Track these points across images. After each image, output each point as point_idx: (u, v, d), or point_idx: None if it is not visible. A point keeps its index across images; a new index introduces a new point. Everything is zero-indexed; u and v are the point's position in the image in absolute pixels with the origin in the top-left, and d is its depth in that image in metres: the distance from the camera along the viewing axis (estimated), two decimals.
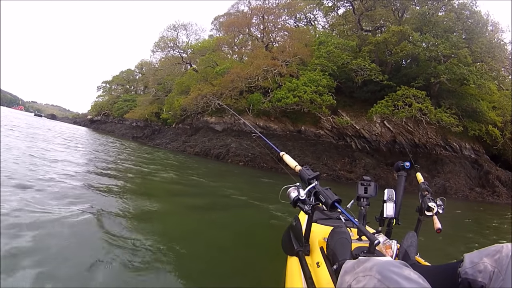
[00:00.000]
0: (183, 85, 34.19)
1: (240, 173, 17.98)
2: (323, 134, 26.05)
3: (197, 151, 26.27)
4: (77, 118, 77.10)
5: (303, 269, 2.05)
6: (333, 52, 25.17)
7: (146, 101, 45.20)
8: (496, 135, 23.61)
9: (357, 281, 1.23)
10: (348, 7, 31.27)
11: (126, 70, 63.65)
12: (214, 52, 34.56)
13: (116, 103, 55.58)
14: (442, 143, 24.65)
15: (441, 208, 2.70)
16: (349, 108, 25.92)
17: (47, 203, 4.72)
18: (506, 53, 29.36)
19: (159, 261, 3.48)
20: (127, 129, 47.61)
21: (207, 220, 5.99)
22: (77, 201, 5.21)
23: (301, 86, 23.61)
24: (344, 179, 21.15)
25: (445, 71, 22.00)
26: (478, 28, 25.14)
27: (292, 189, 2.20)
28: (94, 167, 9.80)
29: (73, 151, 13.81)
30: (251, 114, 26.41)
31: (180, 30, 40.08)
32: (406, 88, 22.63)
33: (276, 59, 26.78)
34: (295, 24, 36.78)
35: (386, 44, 25.42)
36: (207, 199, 8.40)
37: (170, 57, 39.40)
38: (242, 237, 5.32)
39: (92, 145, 19.96)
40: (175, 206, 6.81)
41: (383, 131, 24.91)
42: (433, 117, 21.80)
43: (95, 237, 3.86)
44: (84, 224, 4.25)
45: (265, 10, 31.16)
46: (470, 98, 23.84)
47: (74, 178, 7.14)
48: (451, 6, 25.30)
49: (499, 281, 1.41)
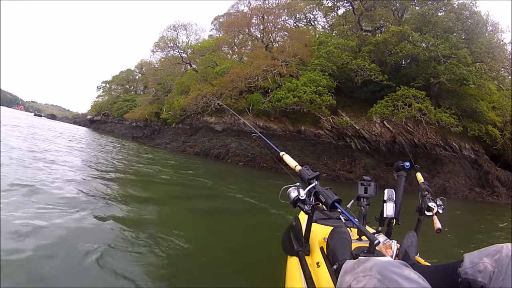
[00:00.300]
0: (183, 85, 34.18)
1: (240, 173, 17.98)
2: (323, 134, 26.05)
3: (197, 151, 26.26)
4: (77, 118, 77.07)
5: (303, 269, 2.06)
6: (333, 52, 25.16)
7: (146, 101, 45.20)
8: (495, 135, 23.59)
9: (357, 281, 1.23)
10: (348, 7, 31.27)
11: (126, 70, 63.63)
12: (214, 52, 34.56)
13: (116, 103, 55.54)
14: (441, 143, 24.65)
15: (441, 208, 2.71)
16: (348, 108, 25.92)
17: (47, 205, 4.70)
18: (506, 53, 29.39)
19: (159, 261, 3.49)
20: (127, 129, 47.55)
21: (207, 221, 5.99)
22: (76, 202, 5.21)
23: (301, 86, 23.61)
24: (344, 179, 21.15)
25: (444, 71, 21.99)
26: (478, 29, 25.14)
27: (292, 189, 2.20)
28: (94, 168, 9.78)
29: (74, 151, 13.81)
30: (251, 114, 26.42)
31: (180, 30, 40.15)
32: (406, 88, 22.62)
33: (276, 59, 26.78)
34: (295, 24, 36.79)
35: (386, 44, 25.43)
36: (207, 199, 8.38)
37: (170, 57, 39.40)
38: (242, 237, 5.31)
39: (92, 145, 19.97)
40: (175, 207, 6.82)
41: (382, 131, 24.92)
42: (433, 117, 21.80)
43: (95, 237, 3.84)
44: (84, 224, 4.24)
45: (265, 10, 31.18)
46: (470, 98, 23.82)
47: (75, 180, 7.09)
48: (451, 7, 25.28)
49: (499, 281, 1.42)
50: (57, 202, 4.94)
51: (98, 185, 6.90)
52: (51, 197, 5.18)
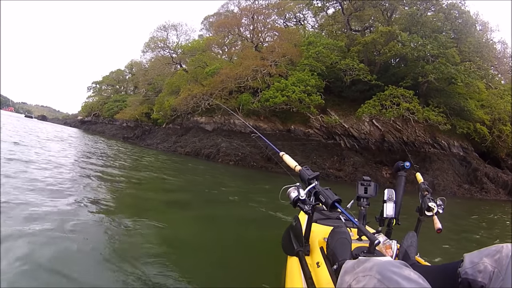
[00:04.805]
0: (173, 85, 34.15)
1: (233, 173, 17.94)
2: (312, 133, 26.13)
3: (188, 151, 26.23)
4: (68, 119, 76.56)
5: (303, 269, 2.08)
6: (322, 52, 25.21)
7: (136, 101, 44.99)
8: (484, 133, 23.88)
9: (357, 281, 1.24)
10: (337, 7, 31.42)
11: (116, 71, 63.27)
12: (204, 52, 34.51)
13: (106, 103, 55.19)
14: (430, 141, 24.88)
15: (441, 208, 2.72)
16: (338, 107, 26.02)
17: (40, 210, 4.61)
18: (495, 52, 29.72)
19: (159, 262, 3.49)
20: (117, 129, 47.29)
21: (206, 221, 5.98)
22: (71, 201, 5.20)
23: (290, 86, 23.66)
24: (333, 177, 21.23)
25: (432, 71, 22.16)
26: (467, 28, 25.48)
27: (292, 189, 2.22)
28: (86, 170, 9.58)
29: (67, 153, 13.73)
30: (241, 114, 26.42)
31: (170, 31, 40.15)
32: (394, 88, 22.77)
33: (266, 60, 26.83)
34: (285, 24, 36.91)
35: (375, 44, 25.58)
36: (205, 200, 8.35)
37: (160, 58, 39.34)
38: (242, 237, 5.30)
39: (84, 147, 19.86)
40: (172, 208, 6.80)
41: (371, 130, 25.06)
42: (421, 116, 21.97)
43: (92, 241, 3.82)
44: (81, 227, 4.24)
45: (255, 11, 31.21)
46: (458, 97, 24.04)
47: (69, 183, 6.94)
48: (440, 7, 25.54)
49: (499, 281, 1.43)
50: (50, 211, 4.71)
51: (91, 189, 6.79)
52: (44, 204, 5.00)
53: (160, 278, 3.12)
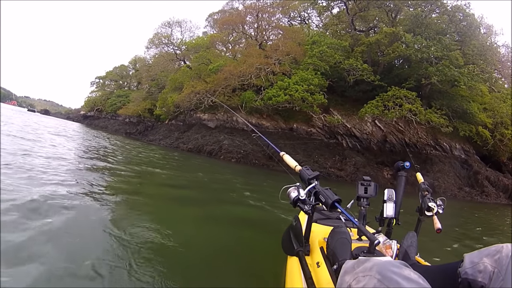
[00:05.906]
0: (177, 82, 34.05)
1: (234, 171, 17.79)
2: (314, 132, 26.13)
3: (190, 147, 26.26)
4: (70, 114, 76.64)
5: (303, 269, 2.08)
6: (326, 52, 25.17)
7: (139, 97, 44.99)
8: (486, 136, 23.83)
9: (357, 281, 1.24)
10: (342, 7, 31.34)
11: (119, 66, 63.10)
12: (208, 49, 34.36)
13: (109, 98, 55.18)
14: (432, 143, 24.86)
15: (441, 208, 2.72)
16: (340, 107, 26.01)
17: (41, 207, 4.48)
18: (499, 55, 29.57)
19: (159, 261, 3.46)
20: (120, 125, 47.40)
21: (206, 221, 5.87)
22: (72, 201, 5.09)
23: (293, 85, 23.64)
24: (335, 176, 21.26)
25: (436, 73, 22.10)
26: (471, 31, 25.35)
27: (292, 189, 2.22)
28: (88, 165, 9.51)
29: (69, 148, 13.72)
30: (244, 111, 26.41)
31: (175, 27, 40.09)
32: (397, 89, 22.75)
33: (269, 58, 26.75)
34: (289, 23, 36.70)
35: (379, 45, 25.58)
36: (205, 198, 8.28)
37: (164, 54, 39.14)
38: (242, 237, 5.22)
39: (87, 142, 19.87)
40: (171, 205, 6.73)
41: (374, 130, 25.06)
42: (423, 117, 21.96)
43: (93, 240, 3.82)
44: (81, 223, 4.25)
45: (260, 9, 31.08)
46: (461, 100, 24.01)
47: (73, 179, 6.82)
48: (445, 9, 25.40)
49: (499, 281, 1.43)
50: (52, 207, 4.59)
51: (94, 185, 6.68)
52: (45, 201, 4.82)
53: (157, 278, 3.10)
